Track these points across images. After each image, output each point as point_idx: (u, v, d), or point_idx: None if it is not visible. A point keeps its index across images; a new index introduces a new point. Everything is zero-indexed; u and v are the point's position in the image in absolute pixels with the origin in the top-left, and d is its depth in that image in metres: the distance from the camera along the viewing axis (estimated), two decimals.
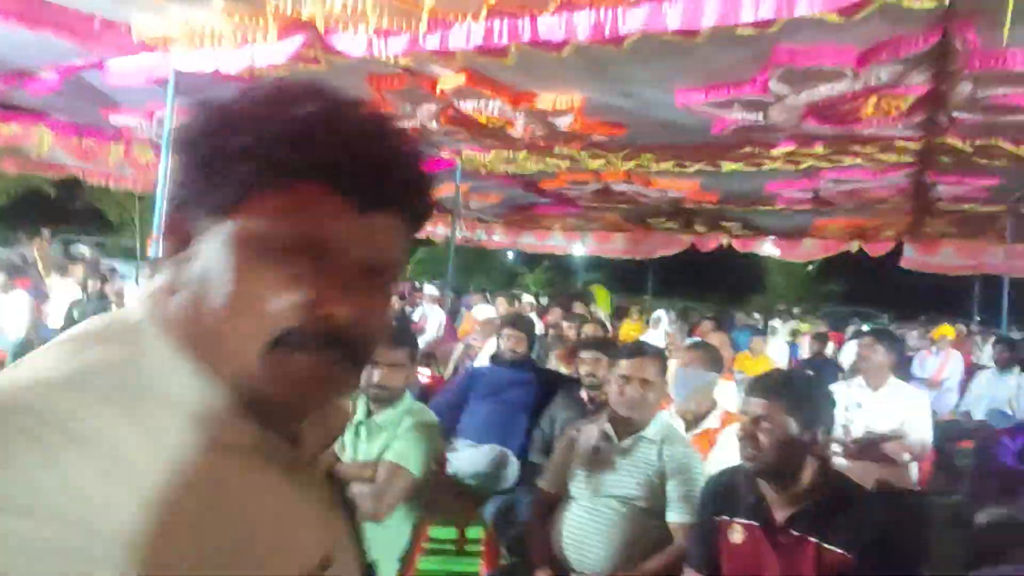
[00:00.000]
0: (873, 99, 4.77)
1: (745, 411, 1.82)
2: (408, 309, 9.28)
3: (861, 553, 1.59)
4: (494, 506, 3.32)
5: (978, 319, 13.59)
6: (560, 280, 23.49)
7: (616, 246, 14.24)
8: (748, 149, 6.61)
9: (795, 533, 1.68)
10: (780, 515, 1.73)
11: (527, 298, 8.15)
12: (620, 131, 6.24)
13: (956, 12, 3.44)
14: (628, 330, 8.47)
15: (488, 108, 5.79)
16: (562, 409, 3.50)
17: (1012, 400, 5.15)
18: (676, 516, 2.31)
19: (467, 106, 5.82)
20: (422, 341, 7.35)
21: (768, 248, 13.81)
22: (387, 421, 2.42)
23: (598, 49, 4.23)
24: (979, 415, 5.21)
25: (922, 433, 3.35)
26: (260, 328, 0.57)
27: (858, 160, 6.79)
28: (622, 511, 2.35)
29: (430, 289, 9.69)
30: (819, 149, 6.42)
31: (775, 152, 6.58)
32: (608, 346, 3.67)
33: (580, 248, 14.96)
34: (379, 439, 2.39)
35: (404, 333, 2.76)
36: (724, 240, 12.93)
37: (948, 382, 6.74)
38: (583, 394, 3.56)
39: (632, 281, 20.36)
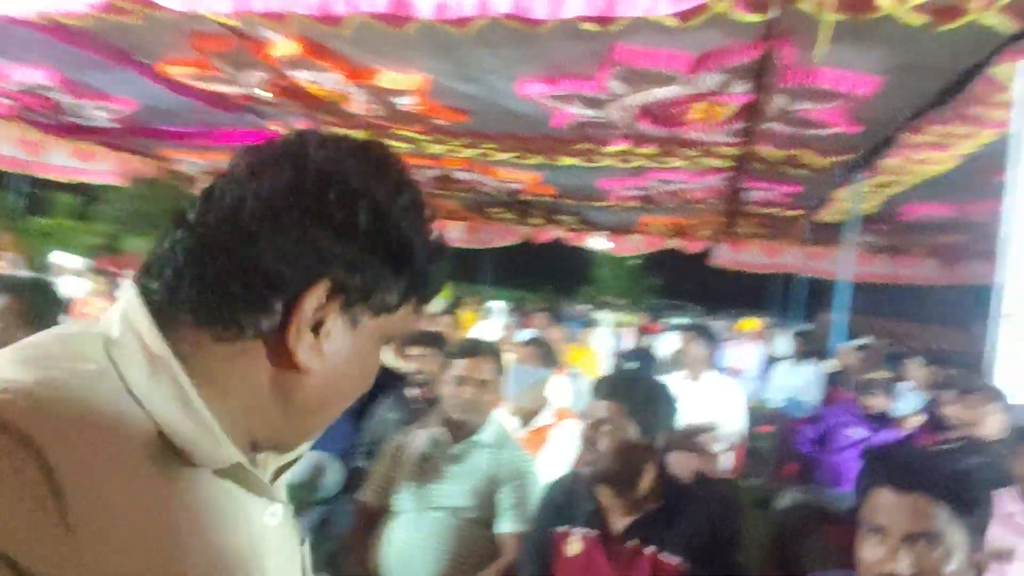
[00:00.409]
0: (701, 105, 5.03)
1: (587, 413, 1.74)
2: None
3: (696, 558, 1.56)
4: (311, 518, 3.05)
5: (777, 313, 15.15)
6: None
7: (454, 235, 14.15)
8: (584, 145, 6.77)
9: (632, 543, 1.62)
10: (618, 524, 1.67)
11: None
12: (463, 117, 6.12)
13: (777, 28, 3.66)
14: (464, 320, 8.42)
15: (323, 81, 5.41)
16: (388, 409, 3.32)
17: (806, 389, 5.72)
18: (507, 526, 2.19)
19: (301, 77, 5.40)
20: None
21: (598, 243, 14.44)
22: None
23: (444, 30, 4.05)
24: (779, 403, 5.73)
25: (737, 422, 3.58)
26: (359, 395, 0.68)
27: (683, 162, 7.21)
28: (451, 523, 2.20)
29: None
30: (649, 149, 6.72)
31: (609, 149, 6.79)
32: (438, 341, 3.53)
33: None
34: None
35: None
36: (559, 233, 13.32)
37: (749, 371, 7.38)
38: (412, 391, 3.39)
39: (470, 271, 20.49)
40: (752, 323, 12.04)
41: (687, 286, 26.20)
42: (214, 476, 0.58)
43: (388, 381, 3.66)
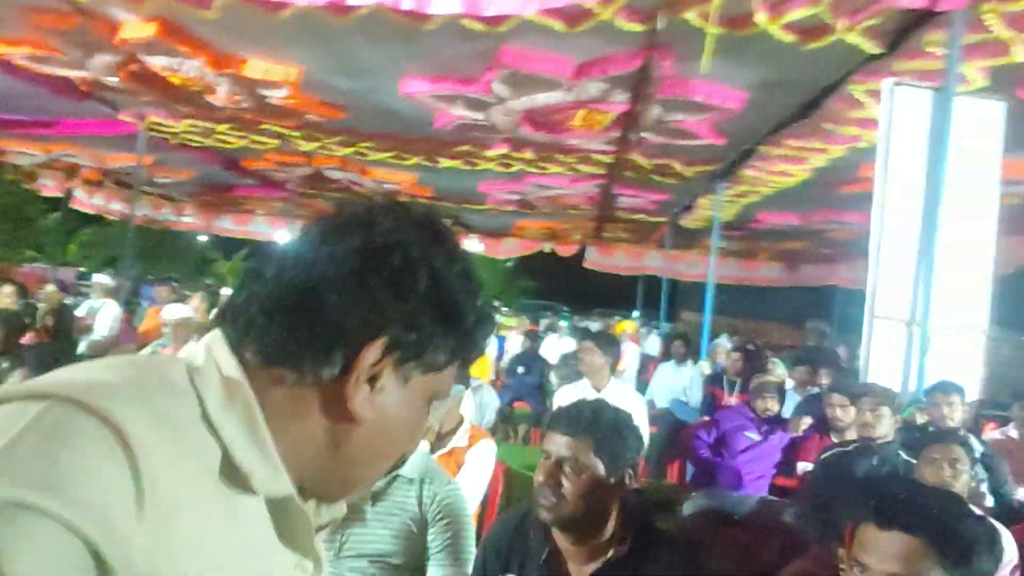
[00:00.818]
0: (582, 112, 5.12)
1: (545, 450, 1.54)
2: (71, 302, 7.69)
3: None
4: None
5: (643, 314, 15.87)
6: None
7: None
8: (466, 148, 6.71)
9: None
10: (579, 572, 1.50)
11: (226, 292, 7.23)
12: (339, 114, 5.85)
13: (659, 40, 3.78)
14: None
15: (183, 68, 4.97)
16: None
17: (687, 389, 5.98)
18: (440, 573, 1.89)
19: (156, 62, 4.93)
20: (89, 341, 6.10)
21: (474, 245, 14.47)
22: None
23: (322, 18, 3.83)
24: (662, 403, 5.94)
25: (644, 430, 3.58)
26: (408, 451, 0.72)
27: (560, 168, 7.34)
28: (374, 573, 1.89)
29: (101, 278, 8.14)
30: (528, 154, 6.78)
31: (490, 153, 6.78)
32: None
33: (286, 236, 14.03)
34: None
35: None
36: None
37: (627, 372, 7.62)
38: None
39: None
40: (628, 325, 12.49)
41: (559, 288, 26.96)
42: (265, 510, 0.62)
43: None
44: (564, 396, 3.49)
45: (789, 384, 5.00)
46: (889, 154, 3.25)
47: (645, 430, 3.57)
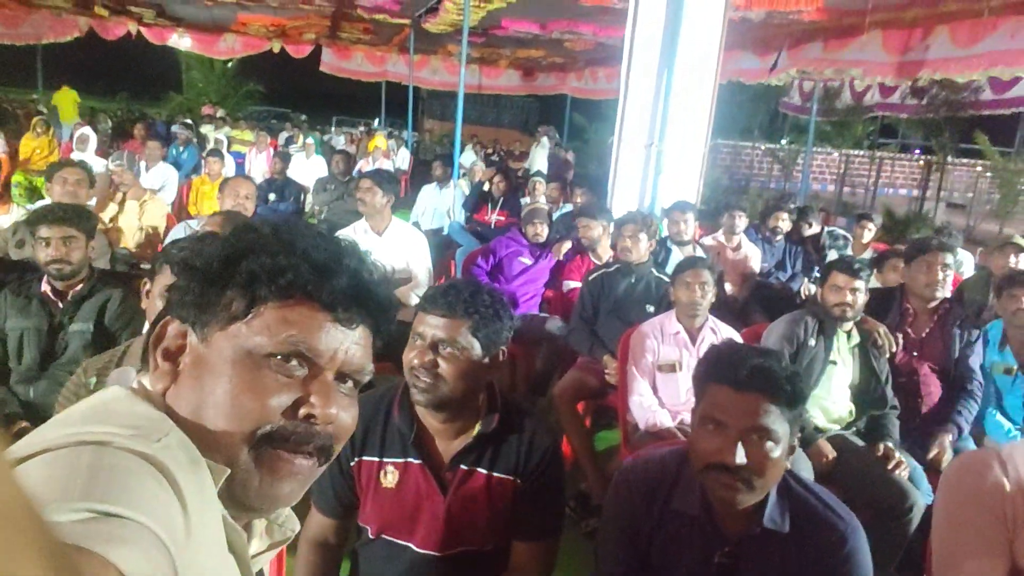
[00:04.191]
0: None
1: (418, 331, 1.47)
2: None
3: (526, 475, 1.49)
4: None
5: (383, 121, 15.30)
6: None
7: None
8: None
9: (464, 467, 1.48)
10: (446, 448, 1.50)
11: None
12: None
13: None
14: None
15: None
16: None
17: (451, 210, 5.99)
18: None
19: None
20: None
21: (184, 42, 12.37)
22: None
23: None
24: (427, 226, 5.91)
25: (426, 266, 3.47)
26: (252, 424, 0.66)
27: None
28: None
29: None
30: None
31: None
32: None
33: None
34: None
35: None
36: (132, 27, 10.98)
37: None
38: None
39: (14, 73, 15.97)
40: (381, 141, 12.01)
41: (290, 93, 24.54)
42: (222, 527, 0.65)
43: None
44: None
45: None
46: None
47: (429, 262, 3.56)
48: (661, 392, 2.61)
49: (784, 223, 4.63)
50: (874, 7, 5.72)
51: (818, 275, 3.68)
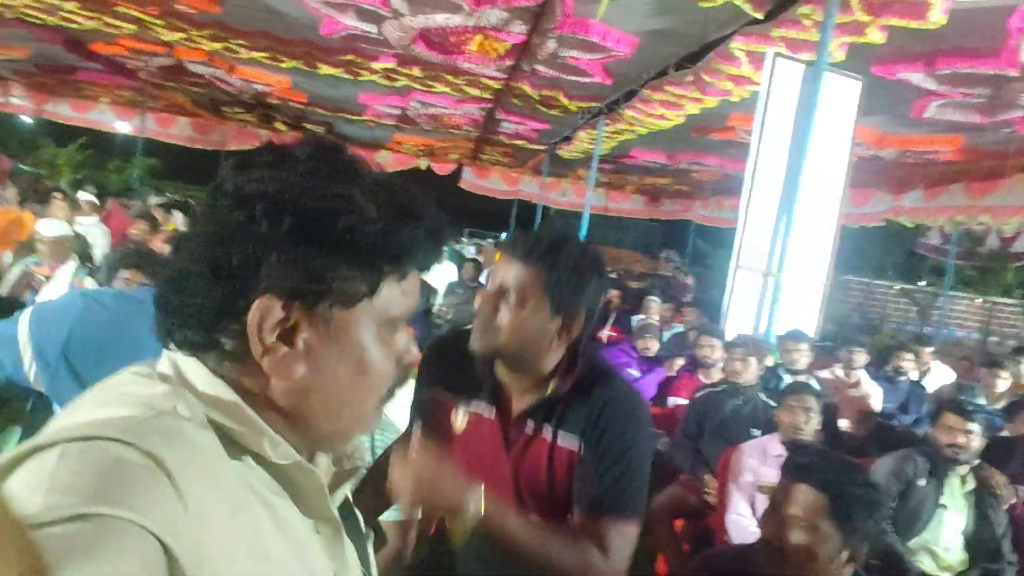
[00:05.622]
0: (479, 38, 5.05)
1: (493, 276, 1.36)
2: None
3: (592, 443, 1.33)
4: None
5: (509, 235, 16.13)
6: (100, 163, 19.55)
7: (181, 132, 12.57)
8: (350, 57, 6.40)
9: (530, 427, 1.36)
10: (518, 403, 1.38)
11: (85, 196, 6.39)
12: (214, 7, 5.36)
13: None
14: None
15: None
16: None
17: None
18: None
19: None
20: None
21: None
22: None
23: None
24: None
25: None
26: (385, 387, 0.70)
27: (446, 88, 7.20)
28: None
29: None
30: (416, 71, 6.59)
31: (376, 65, 6.52)
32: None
33: (127, 127, 12.74)
34: None
35: None
36: None
37: None
38: None
39: (198, 173, 18.43)
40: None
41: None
42: (278, 486, 0.65)
43: None
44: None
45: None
46: (766, 119, 3.55)
47: None
48: (760, 513, 2.60)
49: (908, 363, 4.49)
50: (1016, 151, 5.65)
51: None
